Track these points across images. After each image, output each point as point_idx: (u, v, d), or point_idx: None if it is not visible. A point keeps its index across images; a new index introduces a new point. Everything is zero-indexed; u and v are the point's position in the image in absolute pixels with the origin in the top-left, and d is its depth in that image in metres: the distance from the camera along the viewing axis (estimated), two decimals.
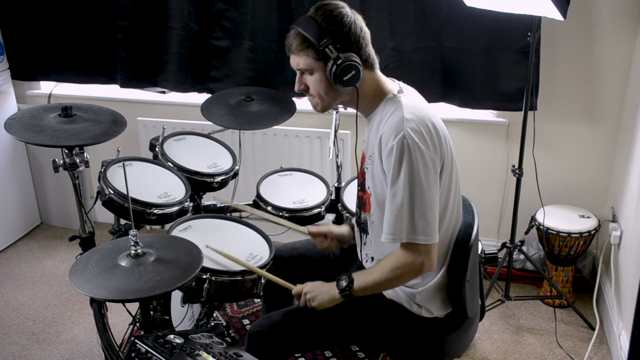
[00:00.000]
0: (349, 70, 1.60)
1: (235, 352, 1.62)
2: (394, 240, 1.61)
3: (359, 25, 1.63)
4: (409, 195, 1.56)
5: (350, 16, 1.62)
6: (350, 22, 1.61)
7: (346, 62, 1.59)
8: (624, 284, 2.44)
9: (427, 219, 1.57)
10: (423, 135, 1.57)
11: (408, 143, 1.55)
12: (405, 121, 1.57)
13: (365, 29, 1.66)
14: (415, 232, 1.58)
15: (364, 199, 1.78)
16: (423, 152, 1.56)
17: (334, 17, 1.60)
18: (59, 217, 3.62)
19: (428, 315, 1.76)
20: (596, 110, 2.78)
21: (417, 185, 1.56)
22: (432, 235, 1.59)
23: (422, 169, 1.56)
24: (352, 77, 1.60)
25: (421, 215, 1.57)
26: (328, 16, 1.60)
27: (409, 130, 1.56)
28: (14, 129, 2.00)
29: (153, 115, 3.30)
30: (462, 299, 1.75)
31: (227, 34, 2.99)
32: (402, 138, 1.55)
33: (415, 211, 1.57)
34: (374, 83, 1.69)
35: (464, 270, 1.72)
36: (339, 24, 1.60)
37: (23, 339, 2.69)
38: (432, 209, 1.59)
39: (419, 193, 1.56)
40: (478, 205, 1.88)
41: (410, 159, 1.55)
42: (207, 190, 2.43)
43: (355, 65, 1.60)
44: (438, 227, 1.61)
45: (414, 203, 1.56)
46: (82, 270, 1.60)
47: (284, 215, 2.31)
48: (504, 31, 2.65)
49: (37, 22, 3.21)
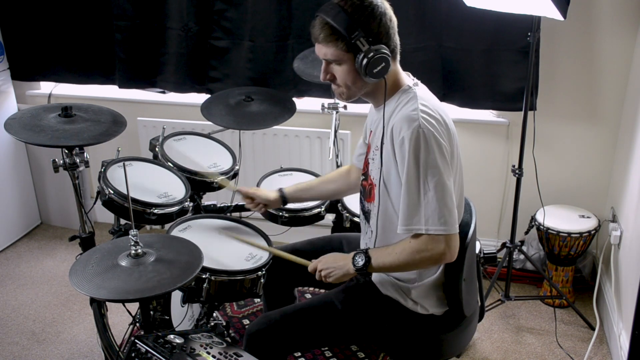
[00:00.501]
0: (380, 62, 1.58)
1: (235, 352, 1.62)
2: (412, 232, 1.58)
3: (388, 15, 1.60)
4: (428, 184, 1.54)
5: (380, 5, 1.59)
6: (381, 13, 1.58)
7: (377, 54, 1.57)
8: (624, 284, 2.44)
9: (448, 208, 1.55)
10: (436, 127, 1.56)
11: (424, 132, 1.53)
12: (420, 112, 1.56)
13: (394, 17, 1.63)
14: (436, 222, 1.54)
15: (367, 189, 1.78)
16: (439, 141, 1.55)
17: (364, 8, 1.56)
18: (59, 217, 3.62)
19: (423, 312, 1.76)
20: (596, 110, 2.78)
21: (436, 173, 1.54)
22: (454, 225, 1.56)
23: (439, 158, 1.54)
24: (382, 69, 1.59)
25: (442, 205, 1.54)
26: (359, 6, 1.56)
27: (423, 120, 1.55)
28: (14, 129, 2.00)
29: (153, 115, 3.30)
30: (459, 297, 1.75)
31: (227, 34, 2.99)
32: (418, 127, 1.54)
33: (434, 201, 1.54)
34: (394, 74, 1.68)
35: (460, 268, 1.72)
36: (370, 15, 1.56)
37: (23, 339, 2.69)
38: (452, 198, 1.57)
39: (438, 181, 1.54)
40: (478, 205, 1.88)
41: (428, 147, 1.53)
42: (207, 190, 2.43)
43: (385, 57, 1.58)
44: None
45: (433, 193, 1.54)
46: (82, 270, 1.60)
47: (283, 216, 2.31)
48: (504, 31, 2.65)
49: (37, 22, 3.21)
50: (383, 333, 1.80)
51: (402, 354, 1.84)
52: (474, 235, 1.76)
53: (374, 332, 1.81)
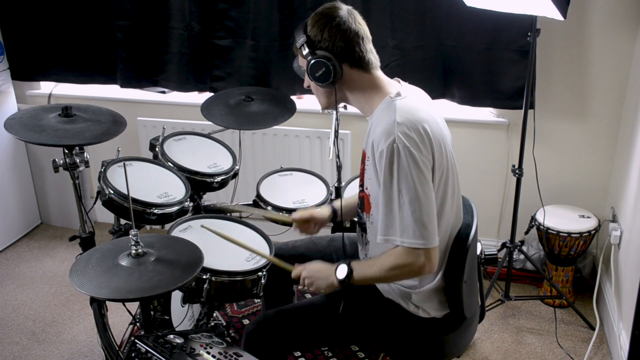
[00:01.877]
0: (319, 67, 1.63)
1: (235, 352, 1.62)
2: (389, 242, 1.60)
3: (345, 24, 1.63)
4: (402, 199, 1.55)
5: (337, 17, 1.63)
6: (332, 24, 1.62)
7: (314, 59, 1.63)
8: (624, 284, 2.44)
9: (423, 223, 1.55)
10: (414, 139, 1.55)
11: (399, 147, 1.53)
12: (396, 125, 1.56)
13: (361, 30, 1.66)
14: (411, 236, 1.56)
15: (363, 200, 1.78)
16: (415, 156, 1.54)
17: (317, 18, 1.65)
18: (59, 217, 3.62)
19: (425, 315, 1.76)
20: (596, 110, 2.78)
21: (410, 189, 1.54)
22: (430, 238, 1.57)
23: (414, 173, 1.54)
24: (323, 74, 1.64)
25: (417, 219, 1.55)
26: (314, 17, 1.66)
27: (399, 134, 1.55)
28: (14, 129, 2.00)
29: (153, 115, 3.30)
30: (460, 299, 1.74)
31: (230, 34, 3.00)
32: (392, 142, 1.54)
33: (409, 215, 1.55)
34: (369, 83, 1.69)
35: (461, 270, 1.72)
36: (318, 24, 1.64)
37: (23, 339, 2.69)
38: (428, 212, 1.56)
39: (413, 196, 1.54)
40: (478, 205, 1.88)
41: (401, 162, 1.54)
42: (207, 190, 2.43)
43: (324, 62, 1.62)
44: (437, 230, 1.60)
45: (408, 207, 1.55)
46: (82, 269, 1.60)
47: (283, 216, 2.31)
48: (503, 30, 2.65)
49: (37, 22, 3.21)
50: (384, 335, 1.80)
51: (402, 356, 1.83)
52: (475, 236, 1.76)
53: (374, 333, 1.81)
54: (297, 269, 1.80)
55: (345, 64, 1.65)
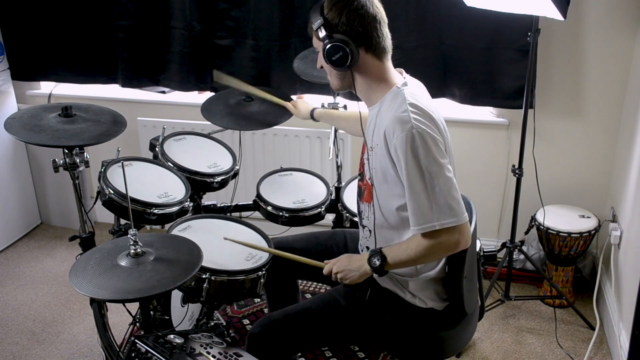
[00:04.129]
0: (337, 51, 1.62)
1: (235, 352, 1.62)
2: (426, 230, 1.59)
3: (359, 7, 1.62)
4: (433, 181, 1.56)
5: (357, 1, 1.62)
6: (352, 8, 1.61)
7: (333, 42, 1.62)
8: (624, 284, 2.44)
9: (456, 199, 1.57)
10: (428, 124, 1.58)
11: (418, 132, 1.55)
12: (410, 112, 1.57)
13: (379, 14, 1.66)
14: (447, 215, 1.56)
15: (362, 189, 1.79)
16: (434, 137, 1.57)
17: (335, 0, 1.62)
18: (59, 217, 3.62)
19: (422, 305, 1.76)
20: (596, 110, 2.78)
21: (438, 170, 1.55)
22: (463, 214, 1.58)
23: (437, 153, 1.56)
24: (340, 58, 1.63)
25: (450, 198, 1.56)
26: (330, 1, 1.63)
27: (415, 121, 1.56)
28: (14, 129, 2.00)
29: (153, 115, 3.30)
30: (460, 294, 1.75)
31: (230, 33, 3.00)
32: (411, 128, 1.55)
33: (441, 195, 1.56)
34: (379, 71, 1.69)
35: (461, 266, 1.72)
36: (338, 7, 1.62)
37: (23, 339, 2.69)
38: (456, 188, 1.58)
39: (442, 175, 1.56)
40: (478, 205, 1.88)
41: (426, 145, 1.55)
42: (207, 190, 2.43)
43: (342, 46, 1.61)
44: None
45: (439, 188, 1.55)
46: (82, 270, 1.60)
47: (283, 216, 2.31)
48: (504, 30, 2.66)
49: (37, 22, 3.21)
50: (384, 328, 1.80)
51: (403, 351, 1.83)
52: (474, 233, 1.77)
53: (376, 327, 1.81)
54: (328, 265, 1.80)
55: (361, 48, 1.65)
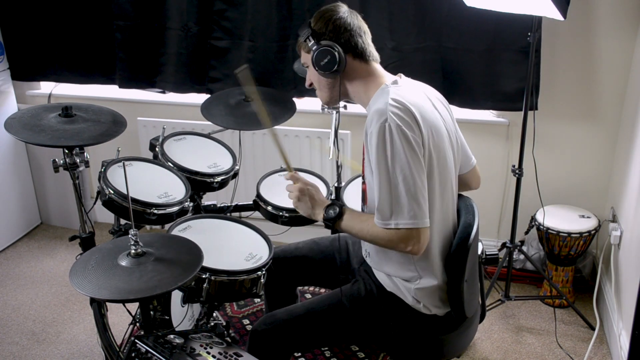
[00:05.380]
0: (324, 55, 1.67)
1: (235, 352, 1.62)
2: (384, 226, 1.60)
3: (347, 19, 1.70)
4: (396, 178, 1.56)
5: (339, 12, 1.71)
6: (336, 18, 1.70)
7: (321, 47, 1.67)
8: (624, 284, 2.44)
9: (418, 201, 1.56)
10: (406, 120, 1.57)
11: (391, 126, 1.55)
12: (388, 106, 1.58)
13: (359, 23, 1.73)
14: (405, 216, 1.56)
15: (363, 192, 1.80)
16: (407, 135, 1.56)
17: (320, 15, 1.72)
18: (59, 217, 3.62)
19: (426, 311, 1.76)
20: (596, 110, 2.78)
21: (404, 167, 1.55)
22: (423, 219, 1.57)
23: (407, 151, 1.55)
24: (328, 62, 1.67)
25: (412, 197, 1.55)
26: (317, 15, 1.73)
27: (391, 114, 1.56)
28: (14, 129, 2.00)
29: (153, 115, 3.30)
30: (461, 298, 1.74)
31: (227, 34, 2.99)
32: (384, 121, 1.56)
33: (403, 194, 1.55)
34: (367, 73, 1.73)
35: (462, 270, 1.72)
36: (322, 19, 1.71)
37: (23, 339, 2.69)
38: (422, 191, 1.57)
39: (407, 174, 1.55)
40: (478, 205, 1.88)
41: (394, 141, 1.55)
42: (207, 190, 2.43)
43: (329, 50, 1.66)
44: (429, 212, 1.59)
45: (402, 185, 1.55)
46: (82, 270, 1.60)
47: (283, 216, 2.31)
48: (504, 31, 2.65)
49: (37, 22, 3.21)
50: (386, 331, 1.80)
51: (403, 354, 1.83)
52: (476, 236, 1.76)
53: (378, 330, 1.81)
54: (296, 175, 1.84)
55: (348, 54, 1.70)
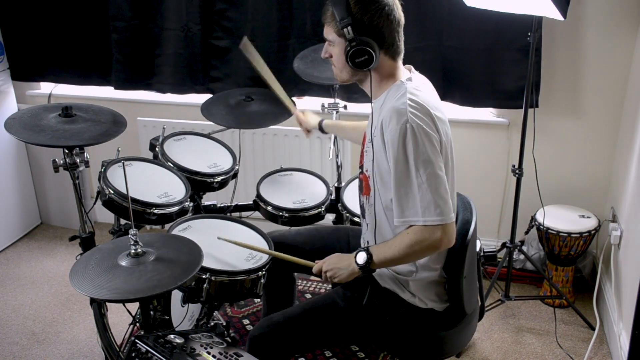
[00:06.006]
0: (362, 54, 1.62)
1: (235, 352, 1.62)
2: (408, 223, 1.59)
3: (389, 12, 1.63)
4: (421, 177, 1.56)
5: (388, 6, 1.62)
6: (378, 9, 1.61)
7: (359, 45, 1.61)
8: (624, 284, 2.44)
9: (443, 198, 1.57)
10: (425, 120, 1.58)
11: (412, 126, 1.55)
12: (408, 105, 1.58)
13: (401, 20, 1.67)
14: (432, 213, 1.56)
15: (362, 182, 1.80)
16: (429, 133, 1.57)
17: (368, 3, 1.61)
18: (59, 217, 3.62)
19: (422, 305, 1.76)
20: (596, 110, 2.78)
21: (428, 165, 1.56)
22: (449, 214, 1.57)
23: (429, 149, 1.56)
24: (364, 61, 1.63)
25: (437, 196, 1.56)
26: (363, 1, 1.61)
27: (411, 115, 1.57)
28: (14, 129, 2.00)
29: (153, 115, 3.30)
30: (460, 294, 1.75)
31: (228, 34, 2.99)
32: (406, 122, 1.56)
33: (428, 192, 1.56)
34: (391, 70, 1.71)
35: (461, 265, 1.72)
36: (365, 7, 1.61)
37: (23, 339, 2.69)
38: (446, 188, 1.58)
39: (431, 173, 1.56)
40: (478, 205, 1.88)
41: (417, 141, 1.55)
42: (207, 190, 2.43)
43: (368, 50, 1.62)
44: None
45: (427, 184, 1.56)
46: (82, 270, 1.60)
47: (283, 216, 2.31)
48: (504, 30, 2.65)
49: (37, 22, 3.21)
50: (384, 328, 1.80)
51: (403, 351, 1.83)
52: (474, 233, 1.77)
53: (376, 327, 1.81)
54: (318, 265, 1.81)
55: (382, 50, 1.66)
